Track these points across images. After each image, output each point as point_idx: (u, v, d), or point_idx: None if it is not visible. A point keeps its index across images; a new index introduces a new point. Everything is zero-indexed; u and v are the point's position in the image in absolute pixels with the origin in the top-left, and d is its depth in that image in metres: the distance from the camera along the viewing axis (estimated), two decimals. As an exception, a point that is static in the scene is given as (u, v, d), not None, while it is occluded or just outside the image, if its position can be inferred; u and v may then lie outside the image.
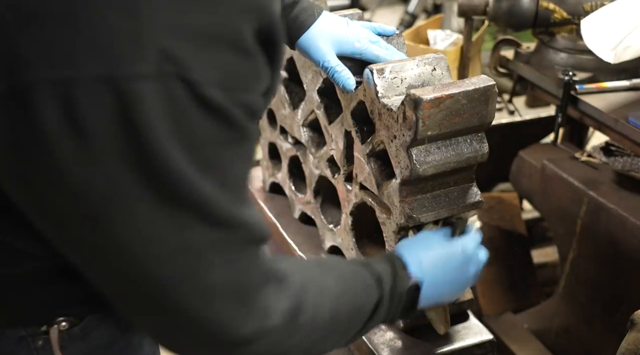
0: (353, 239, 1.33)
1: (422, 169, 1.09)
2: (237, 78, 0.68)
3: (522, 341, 1.88)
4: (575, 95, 1.66)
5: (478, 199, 1.17)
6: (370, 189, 1.23)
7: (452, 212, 1.16)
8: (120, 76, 0.61)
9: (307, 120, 1.42)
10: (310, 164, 1.44)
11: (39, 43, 0.61)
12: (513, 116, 2.09)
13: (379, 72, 1.13)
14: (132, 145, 0.64)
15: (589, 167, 1.81)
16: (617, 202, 1.66)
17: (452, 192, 1.16)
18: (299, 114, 1.43)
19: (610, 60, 1.56)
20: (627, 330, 1.17)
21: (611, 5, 1.63)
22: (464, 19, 1.85)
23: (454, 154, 1.11)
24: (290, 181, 1.55)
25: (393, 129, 1.11)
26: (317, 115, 1.37)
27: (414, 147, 1.09)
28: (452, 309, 1.24)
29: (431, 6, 3.46)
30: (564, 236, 1.81)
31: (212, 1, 0.66)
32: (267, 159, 1.64)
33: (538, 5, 1.71)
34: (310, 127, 1.44)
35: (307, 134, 1.44)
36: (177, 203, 0.68)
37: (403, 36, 1.26)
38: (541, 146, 2.00)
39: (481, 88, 1.08)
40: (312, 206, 1.46)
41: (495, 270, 2.03)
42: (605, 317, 1.72)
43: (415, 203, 1.14)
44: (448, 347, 1.21)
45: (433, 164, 1.10)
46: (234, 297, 0.76)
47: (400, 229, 1.16)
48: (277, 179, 1.62)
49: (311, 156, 1.43)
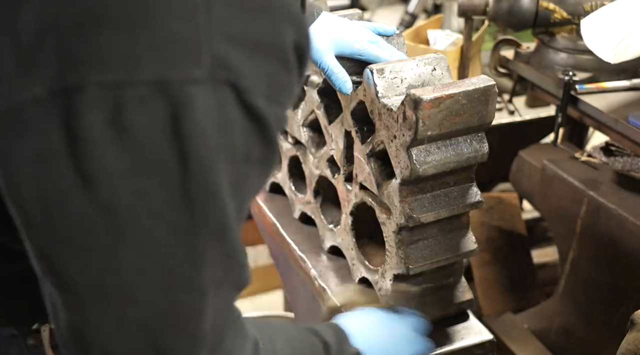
0: (353, 239, 1.33)
1: (422, 169, 1.09)
2: (278, 90, 0.67)
3: (522, 341, 1.88)
4: (575, 95, 1.66)
5: (478, 199, 1.17)
6: (370, 189, 1.23)
7: (452, 212, 1.16)
8: (174, 79, 0.60)
9: (307, 120, 1.42)
10: (310, 164, 1.44)
11: (93, 46, 0.60)
12: (513, 116, 2.09)
13: (379, 72, 1.13)
14: (175, 154, 0.61)
15: (589, 167, 1.81)
16: (617, 202, 1.66)
17: (452, 192, 1.16)
18: (299, 114, 1.43)
19: (610, 60, 1.56)
20: (627, 330, 1.17)
21: (611, 5, 1.63)
22: (464, 19, 1.85)
23: (454, 154, 1.11)
24: (290, 181, 1.55)
25: (393, 129, 1.11)
26: (317, 115, 1.37)
27: (414, 147, 1.09)
28: (452, 310, 1.25)
29: (431, 6, 3.45)
30: (564, 236, 1.81)
31: (263, 11, 0.65)
32: None
33: (538, 5, 1.71)
34: (310, 127, 1.44)
35: (307, 134, 1.44)
36: (203, 224, 0.64)
37: (403, 36, 1.26)
38: (541, 146, 2.00)
39: (481, 88, 1.08)
40: (312, 206, 1.46)
41: (495, 270, 2.03)
42: (605, 317, 1.72)
43: (416, 203, 1.14)
44: (448, 347, 1.21)
45: (433, 164, 1.10)
46: (213, 345, 0.71)
47: (401, 229, 1.16)
48: (277, 179, 1.62)
49: (311, 156, 1.43)
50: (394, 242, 1.18)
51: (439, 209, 1.15)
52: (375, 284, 1.27)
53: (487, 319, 1.94)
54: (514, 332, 1.91)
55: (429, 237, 1.19)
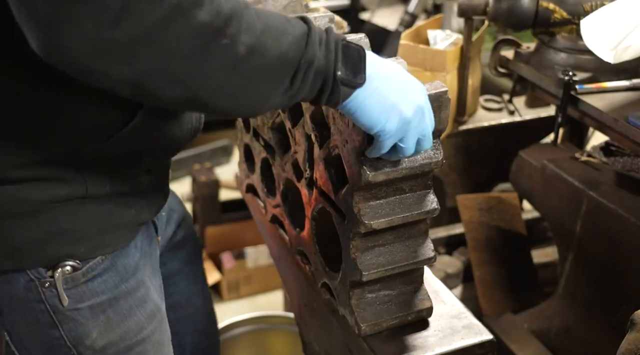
0: (315, 244, 1.30)
1: (372, 175, 1.06)
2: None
3: (522, 341, 1.88)
4: (575, 95, 1.66)
5: (434, 206, 1.13)
6: (328, 193, 1.20)
7: (407, 219, 1.13)
8: None
9: (275, 122, 1.40)
10: (278, 167, 1.42)
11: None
12: (513, 116, 2.09)
13: None
14: None
15: (589, 167, 1.81)
16: (617, 202, 1.66)
17: (407, 199, 1.12)
18: (267, 116, 1.42)
19: (610, 60, 1.56)
20: (627, 330, 1.17)
21: (611, 5, 1.63)
22: (464, 19, 1.85)
23: (406, 160, 1.08)
24: (262, 184, 1.54)
25: (345, 134, 1.09)
26: (282, 117, 1.36)
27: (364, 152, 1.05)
28: (411, 318, 1.21)
29: (431, 6, 3.46)
30: (564, 236, 1.81)
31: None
32: (243, 161, 1.63)
33: (538, 5, 1.72)
34: (277, 129, 1.41)
35: (276, 137, 1.41)
36: None
37: (367, 39, 1.17)
38: (541, 146, 2.00)
39: (433, 94, 1.05)
40: (280, 209, 1.45)
41: (495, 270, 2.03)
42: (605, 317, 1.72)
43: (369, 209, 1.11)
44: (448, 347, 1.21)
45: (384, 171, 1.06)
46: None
47: (354, 235, 1.13)
48: (252, 181, 1.61)
49: (279, 159, 1.41)
50: (349, 248, 1.15)
51: (393, 215, 1.11)
52: (334, 290, 1.25)
53: (487, 319, 1.94)
54: (514, 332, 1.91)
55: (384, 244, 1.15)
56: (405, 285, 1.21)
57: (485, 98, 2.14)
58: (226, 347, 2.18)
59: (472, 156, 2.09)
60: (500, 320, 1.95)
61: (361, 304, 1.19)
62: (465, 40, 1.88)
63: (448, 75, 1.84)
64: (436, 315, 1.25)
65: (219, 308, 2.75)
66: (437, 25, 2.09)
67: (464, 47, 1.88)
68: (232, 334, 2.19)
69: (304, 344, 1.53)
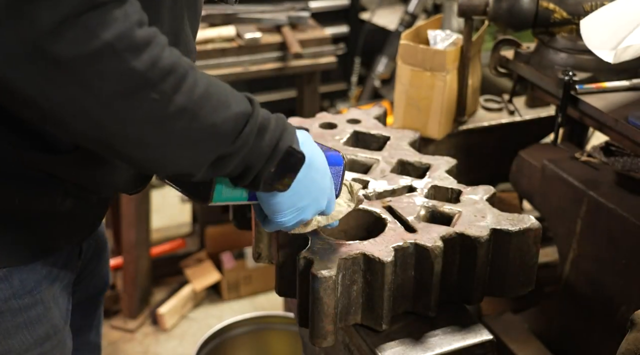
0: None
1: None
2: None
3: (522, 341, 1.88)
4: (575, 95, 1.66)
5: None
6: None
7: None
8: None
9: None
10: None
11: None
12: (513, 116, 2.09)
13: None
14: None
15: (589, 167, 1.81)
16: (617, 202, 1.66)
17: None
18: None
19: (610, 60, 1.56)
20: (627, 330, 1.17)
21: (611, 5, 1.63)
22: (464, 19, 1.85)
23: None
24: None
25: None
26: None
27: None
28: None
29: (431, 6, 3.46)
30: (564, 236, 1.81)
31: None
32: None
33: (538, 5, 1.71)
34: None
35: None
36: None
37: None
38: (541, 146, 2.00)
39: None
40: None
41: (495, 270, 2.03)
42: (605, 317, 1.72)
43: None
44: (448, 347, 1.21)
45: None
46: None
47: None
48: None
49: None
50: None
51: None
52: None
53: (487, 319, 1.94)
54: (514, 332, 1.91)
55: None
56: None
57: (485, 98, 2.13)
58: (226, 347, 2.18)
59: (472, 156, 2.09)
60: (500, 320, 1.95)
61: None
62: (465, 40, 1.87)
63: (448, 75, 1.83)
64: (436, 315, 1.25)
65: (219, 308, 2.76)
66: (437, 25, 2.09)
67: (464, 47, 1.88)
68: (232, 334, 2.20)
69: (304, 344, 1.53)
